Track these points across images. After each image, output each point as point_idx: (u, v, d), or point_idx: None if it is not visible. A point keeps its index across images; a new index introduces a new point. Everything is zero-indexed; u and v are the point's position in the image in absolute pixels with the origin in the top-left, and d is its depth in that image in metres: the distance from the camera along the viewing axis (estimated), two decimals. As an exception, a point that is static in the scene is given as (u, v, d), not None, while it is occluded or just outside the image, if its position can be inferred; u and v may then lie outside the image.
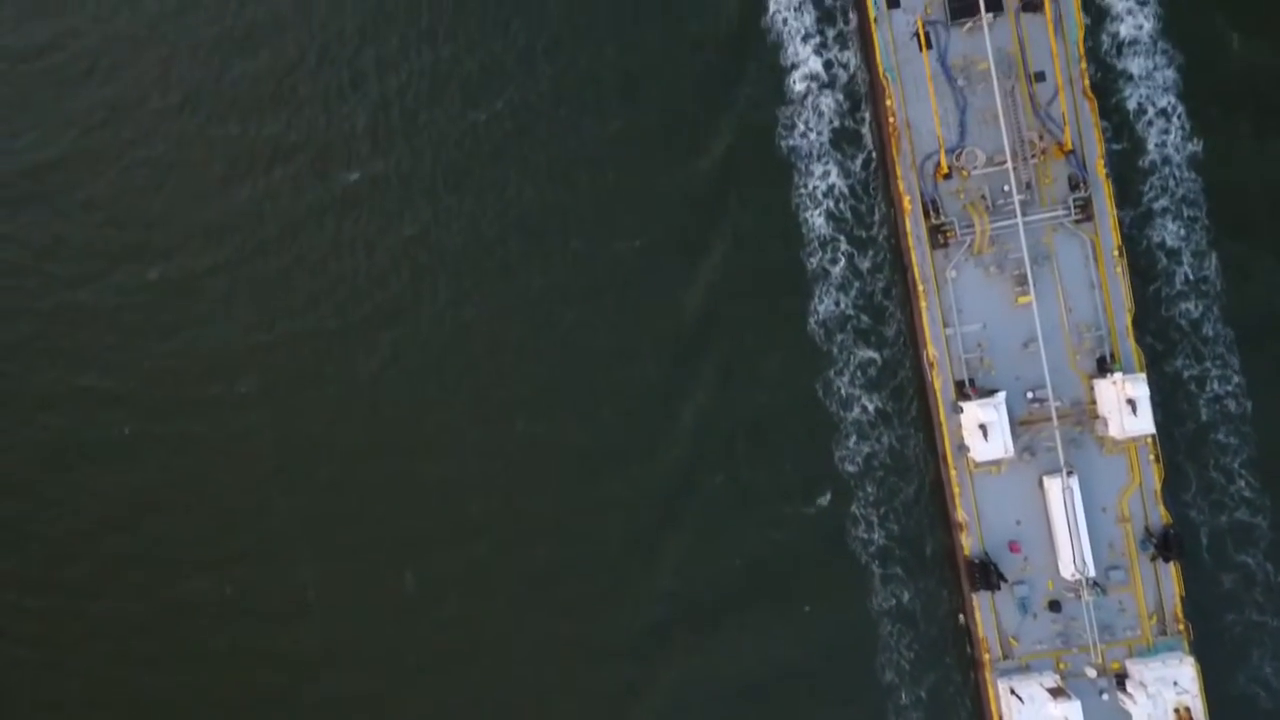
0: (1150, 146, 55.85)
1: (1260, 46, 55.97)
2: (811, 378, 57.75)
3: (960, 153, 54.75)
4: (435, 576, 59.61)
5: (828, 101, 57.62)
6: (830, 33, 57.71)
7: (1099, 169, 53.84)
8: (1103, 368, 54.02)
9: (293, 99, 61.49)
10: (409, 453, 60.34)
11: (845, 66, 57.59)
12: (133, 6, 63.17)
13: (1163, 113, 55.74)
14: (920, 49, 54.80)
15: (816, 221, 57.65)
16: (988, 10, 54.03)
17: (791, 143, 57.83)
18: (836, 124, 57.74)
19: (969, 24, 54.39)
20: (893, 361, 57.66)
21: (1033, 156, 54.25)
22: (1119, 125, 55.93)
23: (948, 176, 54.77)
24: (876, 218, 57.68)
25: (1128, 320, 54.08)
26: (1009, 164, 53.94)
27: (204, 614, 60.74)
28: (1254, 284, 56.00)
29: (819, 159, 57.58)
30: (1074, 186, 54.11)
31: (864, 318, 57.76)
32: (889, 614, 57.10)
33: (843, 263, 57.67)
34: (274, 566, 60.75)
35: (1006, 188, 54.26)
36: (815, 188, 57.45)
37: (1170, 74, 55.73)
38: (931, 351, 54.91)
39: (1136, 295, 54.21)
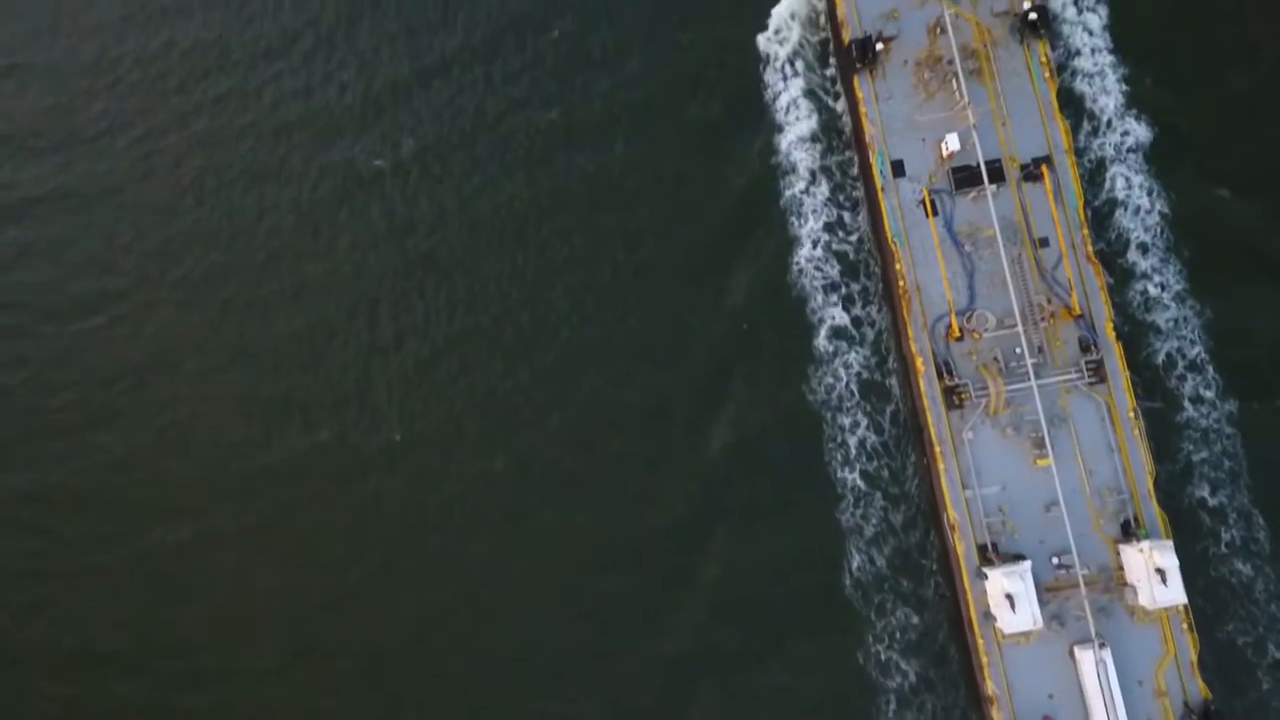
0: (1185, 403, 55.30)
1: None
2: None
3: (970, 315, 55.09)
4: None
5: (855, 357, 57.73)
6: (855, 286, 58.59)
7: (1108, 332, 54.15)
8: (1128, 533, 52.54)
9: (329, 360, 61.76)
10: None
11: (872, 324, 58.06)
12: (174, 262, 64.44)
13: (1193, 365, 55.66)
14: (927, 216, 55.99)
15: (849, 478, 56.49)
16: (990, 181, 55.70)
17: (820, 397, 57.44)
18: (865, 377, 57.64)
19: (973, 193, 55.86)
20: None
21: (1042, 319, 54.63)
22: (1150, 380, 55.48)
23: (959, 339, 54.84)
24: (910, 471, 56.54)
25: (1149, 484, 53.05)
26: (1019, 327, 54.15)
27: None
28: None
29: (847, 413, 57.16)
30: (1085, 349, 54.26)
31: (903, 580, 55.49)
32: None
33: (875, 520, 56.03)
34: None
35: (1019, 350, 54.32)
36: (845, 441, 56.69)
37: (1197, 327, 56.07)
38: (952, 514, 53.38)
39: (1184, 553, 51.04)
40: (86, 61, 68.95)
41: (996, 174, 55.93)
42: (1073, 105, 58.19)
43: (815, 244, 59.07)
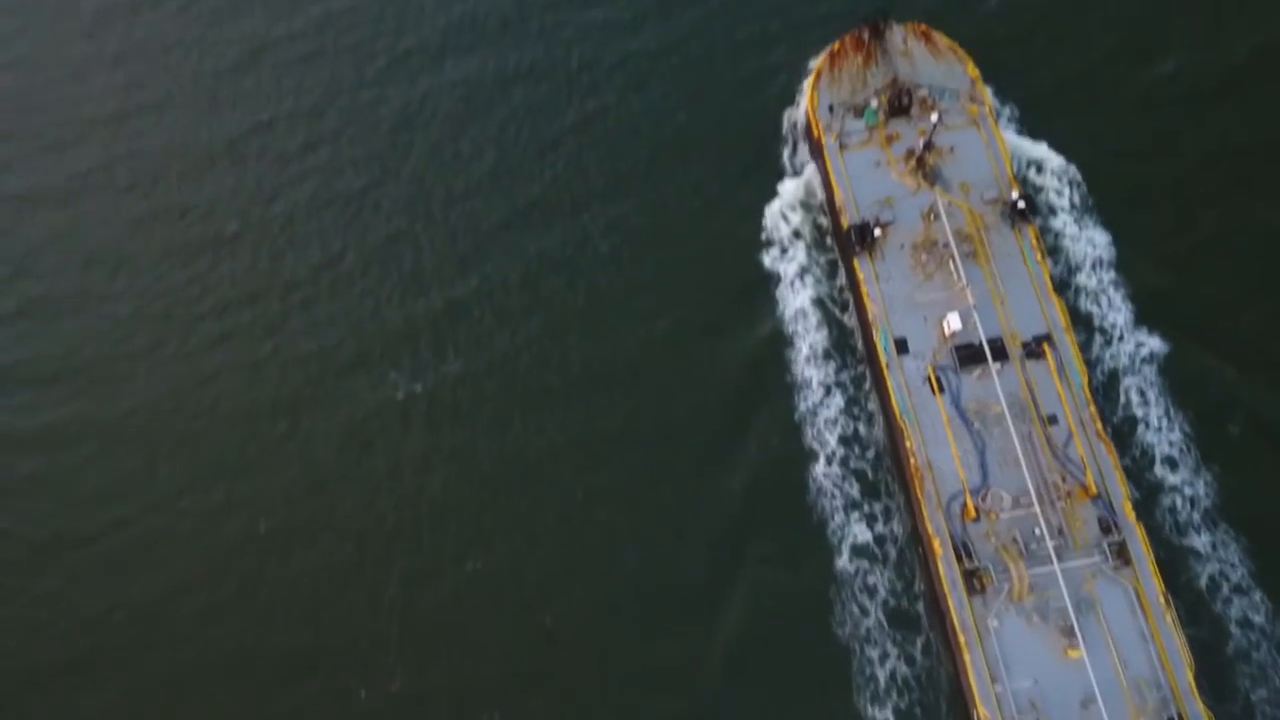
0: (1233, 628, 51.59)
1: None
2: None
3: (985, 494, 52.71)
4: None
5: (879, 579, 54.22)
6: (877, 506, 55.86)
7: (1128, 512, 52.05)
8: (1174, 733, 48.09)
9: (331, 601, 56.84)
10: None
11: (895, 541, 54.92)
12: (190, 496, 59.79)
13: (1239, 589, 52.60)
14: (934, 393, 54.58)
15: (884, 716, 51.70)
16: (994, 359, 55.00)
17: (846, 629, 53.39)
18: (892, 604, 53.78)
19: (978, 371, 54.93)
20: None
21: (1059, 499, 52.34)
22: (1193, 606, 51.78)
23: (976, 519, 52.06)
24: (943, 708, 51.64)
25: (1189, 678, 49.19)
26: (1035, 507, 51.78)
27: None
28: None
29: (875, 643, 53.23)
30: (1106, 530, 51.88)
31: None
32: None
33: None
34: None
35: (1038, 531, 51.70)
36: (875, 675, 52.35)
37: (1237, 549, 53.04)
38: (983, 712, 48.47)
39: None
40: (113, 293, 66.58)
41: (999, 352, 55.41)
42: (1080, 321, 57.85)
43: (831, 460, 56.10)
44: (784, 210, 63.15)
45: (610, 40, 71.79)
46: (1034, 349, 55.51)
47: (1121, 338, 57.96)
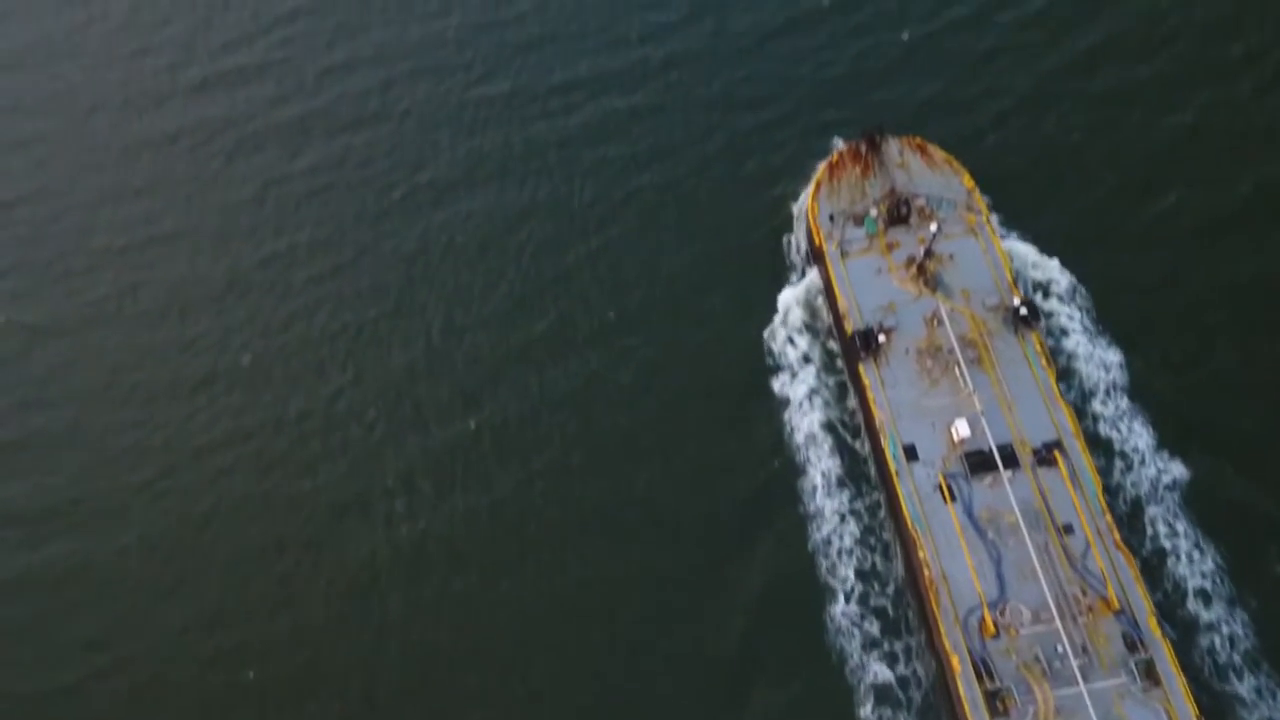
0: None
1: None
2: None
3: (1003, 608, 50.37)
4: None
5: None
6: (899, 645, 52.80)
7: (1153, 627, 49.51)
8: None
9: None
10: None
11: (919, 683, 51.51)
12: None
13: None
14: (945, 501, 52.95)
15: None
16: (1005, 466, 53.57)
17: None
18: None
19: (989, 478, 53.41)
20: None
21: (1081, 614, 49.92)
22: None
23: (995, 635, 49.62)
24: None
25: (1234, 814, 45.79)
26: (1057, 622, 49.42)
27: None
28: None
29: None
30: (1131, 647, 49.24)
31: None
32: None
33: None
34: None
35: (1060, 649, 49.15)
36: None
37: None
38: None
39: None
40: (115, 425, 65.13)
41: (1010, 459, 53.97)
42: (1100, 446, 55.99)
43: (849, 597, 53.56)
44: (791, 333, 61.84)
45: (620, 175, 72.00)
46: (1045, 456, 54.00)
47: (1143, 462, 55.43)
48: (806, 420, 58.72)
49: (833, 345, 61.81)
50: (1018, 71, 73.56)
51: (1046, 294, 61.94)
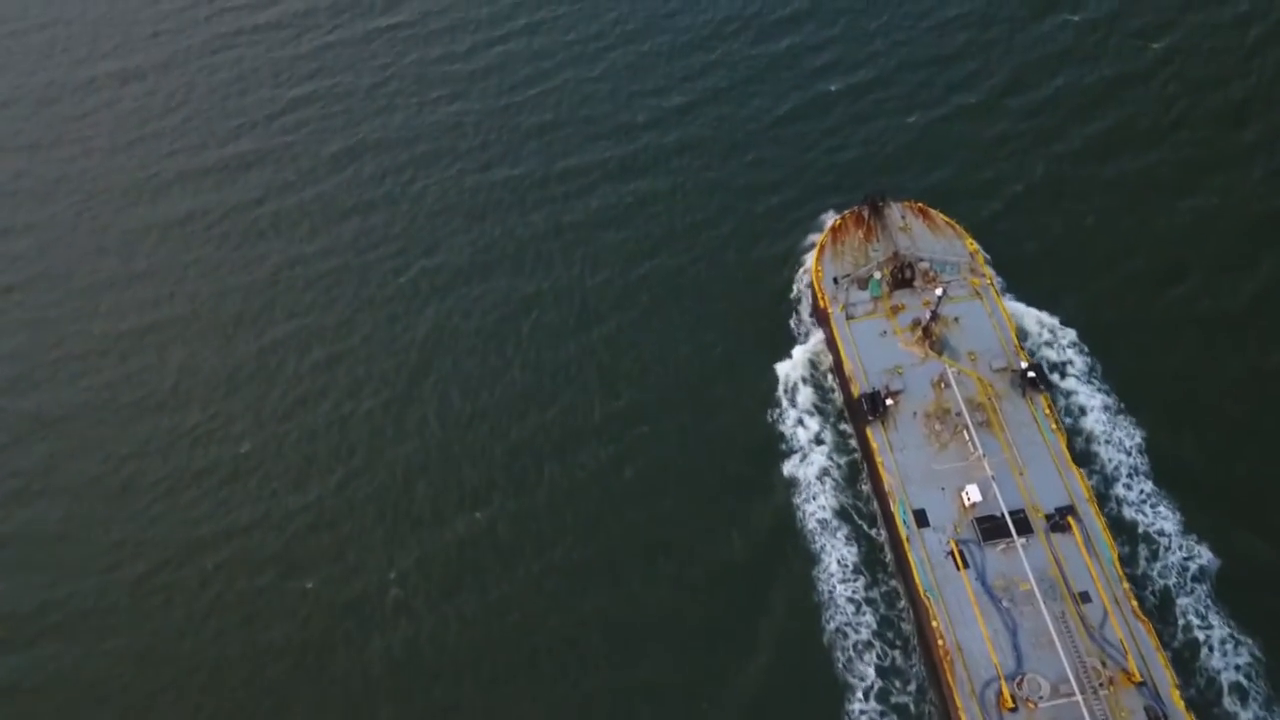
0: None
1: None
2: None
3: (1021, 680, 48.60)
4: None
5: None
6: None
7: (1175, 699, 47.79)
8: None
9: None
10: None
11: None
12: None
13: None
14: (958, 568, 51.50)
15: None
16: (1018, 532, 52.34)
17: None
18: None
19: (1002, 545, 52.11)
20: None
21: (1101, 686, 48.19)
22: None
23: (1014, 709, 47.78)
24: None
25: None
26: (1077, 696, 47.68)
27: None
28: None
29: None
30: (1155, 721, 47.41)
31: None
32: None
33: None
34: None
35: (1082, 723, 47.29)
36: None
37: None
38: None
39: None
40: (106, 519, 63.17)
41: (1023, 525, 52.75)
42: (1125, 531, 54.40)
43: (869, 695, 51.33)
44: (801, 414, 60.48)
45: (628, 260, 71.33)
46: (1058, 521, 52.81)
47: (1169, 548, 53.55)
48: (817, 506, 56.58)
49: (845, 427, 60.28)
50: (1028, 156, 73.53)
51: (1064, 374, 60.59)
